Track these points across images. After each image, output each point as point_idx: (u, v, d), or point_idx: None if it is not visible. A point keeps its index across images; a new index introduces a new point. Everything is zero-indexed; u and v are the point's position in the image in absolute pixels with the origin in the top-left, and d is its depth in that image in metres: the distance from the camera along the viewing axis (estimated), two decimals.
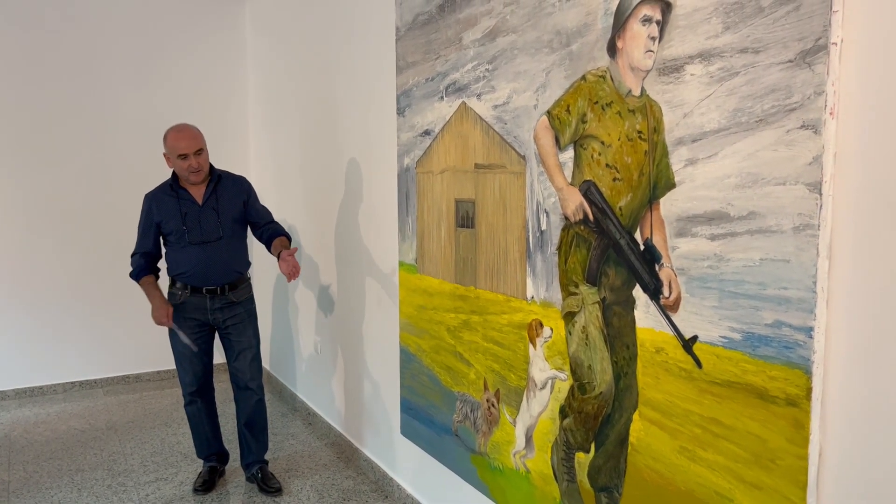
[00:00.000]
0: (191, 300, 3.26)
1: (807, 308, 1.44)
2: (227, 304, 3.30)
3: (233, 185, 3.34)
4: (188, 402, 3.41)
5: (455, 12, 2.57)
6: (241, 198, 3.34)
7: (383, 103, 3.21)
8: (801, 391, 1.46)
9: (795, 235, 1.45)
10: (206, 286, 3.25)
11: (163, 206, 3.23)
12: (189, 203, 3.23)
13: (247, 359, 3.37)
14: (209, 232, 3.22)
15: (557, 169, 2.12)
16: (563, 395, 2.17)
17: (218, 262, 3.24)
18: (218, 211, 3.24)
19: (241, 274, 3.36)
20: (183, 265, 3.23)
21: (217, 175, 3.29)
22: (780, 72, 1.45)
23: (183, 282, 3.25)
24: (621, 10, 1.84)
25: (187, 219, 3.20)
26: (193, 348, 3.28)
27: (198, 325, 3.29)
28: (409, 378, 3.08)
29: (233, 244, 3.30)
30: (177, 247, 3.23)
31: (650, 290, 1.82)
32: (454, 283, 2.69)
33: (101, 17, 4.97)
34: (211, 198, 3.25)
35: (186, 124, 3.22)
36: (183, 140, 3.13)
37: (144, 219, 3.28)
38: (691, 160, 1.67)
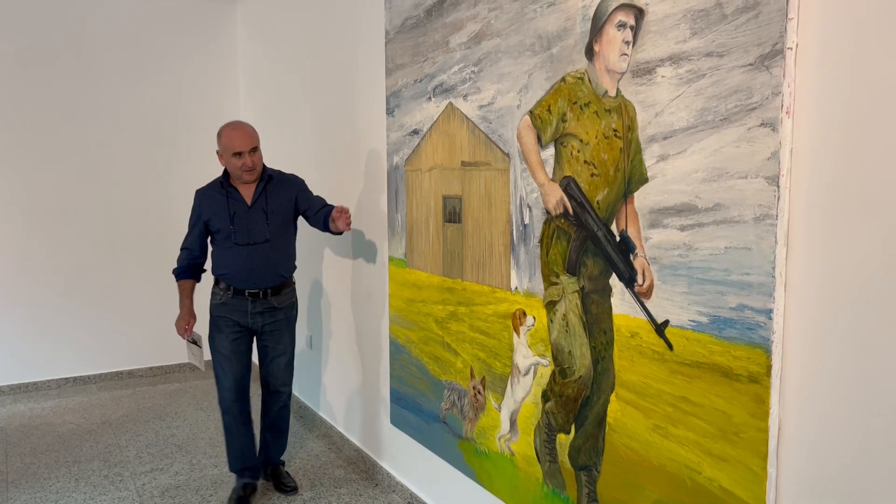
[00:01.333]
0: (232, 301, 3.19)
1: (766, 292, 1.56)
2: (268, 308, 3.22)
3: (284, 184, 3.25)
4: (226, 411, 3.25)
5: (442, 17, 2.68)
6: (292, 195, 3.24)
7: (373, 104, 3.31)
8: (762, 369, 1.58)
9: (756, 225, 1.57)
10: (248, 289, 3.17)
11: (212, 204, 3.17)
12: (238, 202, 3.15)
13: (281, 364, 3.32)
14: (256, 233, 3.14)
15: (539, 166, 2.23)
16: (545, 380, 2.28)
17: (263, 264, 3.16)
18: (267, 212, 3.16)
19: (286, 278, 3.28)
20: (227, 266, 3.17)
21: (268, 175, 3.21)
22: (741, 74, 1.58)
23: (226, 282, 3.19)
24: (598, 16, 1.96)
25: (235, 219, 3.13)
26: (202, 368, 3.29)
27: (237, 327, 3.22)
28: (399, 369, 3.19)
29: (279, 246, 3.21)
30: (223, 246, 3.17)
31: (625, 279, 1.94)
32: (442, 276, 2.81)
33: (93, 18, 5.05)
34: (261, 198, 3.16)
35: (241, 121, 3.15)
36: (238, 138, 3.05)
37: (194, 216, 3.23)
38: (662, 156, 1.79)
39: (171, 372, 5.51)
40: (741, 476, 1.64)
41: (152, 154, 5.33)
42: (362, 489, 3.43)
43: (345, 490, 3.41)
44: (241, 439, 3.28)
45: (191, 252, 3.25)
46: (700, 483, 1.75)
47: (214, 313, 3.24)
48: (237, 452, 3.29)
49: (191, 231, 3.25)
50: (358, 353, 3.70)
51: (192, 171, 5.45)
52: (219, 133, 3.12)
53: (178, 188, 5.42)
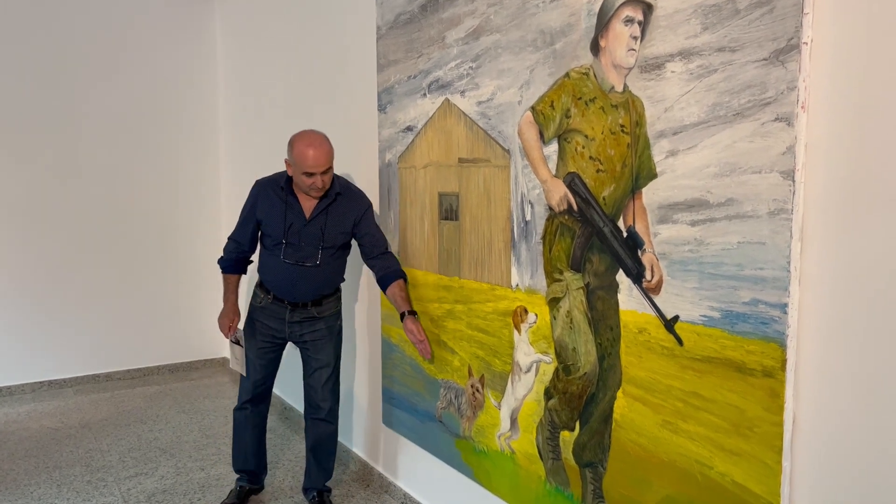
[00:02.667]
0: (271, 307, 3.04)
1: (781, 286, 1.56)
2: (307, 318, 3.04)
3: (349, 202, 2.97)
4: (238, 407, 3.18)
5: (438, 12, 2.66)
6: (352, 218, 2.96)
7: (364, 100, 3.28)
8: (777, 363, 1.58)
9: (770, 220, 1.57)
10: (288, 299, 3.02)
11: (268, 205, 2.96)
12: (296, 214, 2.92)
13: (321, 379, 3.08)
14: (307, 254, 2.93)
15: (542, 162, 2.22)
16: (547, 377, 2.27)
17: (307, 283, 2.98)
18: (324, 232, 2.92)
19: (330, 293, 3.09)
20: (271, 274, 3.02)
21: (336, 193, 2.93)
22: (755, 69, 1.58)
23: (267, 287, 3.06)
24: (604, 11, 1.96)
25: (290, 232, 2.92)
26: (243, 373, 3.11)
27: (272, 335, 3.07)
28: (391, 368, 3.16)
29: (328, 268, 3.00)
30: (270, 253, 3.00)
31: (633, 275, 1.93)
32: (438, 274, 2.78)
33: (69, 14, 4.93)
34: (321, 216, 2.92)
35: (318, 136, 2.82)
36: (312, 158, 2.75)
37: (248, 208, 3.02)
38: (672, 152, 1.79)
39: (151, 374, 5.41)
40: (755, 470, 1.65)
41: (129, 153, 5.22)
42: (354, 490, 3.39)
43: (336, 492, 3.37)
44: (245, 441, 3.20)
45: (240, 245, 3.08)
46: (712, 478, 1.75)
47: (253, 315, 3.10)
48: (239, 453, 3.23)
49: (243, 223, 3.05)
50: (348, 353, 3.66)
51: (168, 171, 5.36)
52: (291, 142, 2.83)
53: (155, 187, 5.33)
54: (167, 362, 5.47)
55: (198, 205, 5.52)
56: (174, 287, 5.46)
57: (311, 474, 3.22)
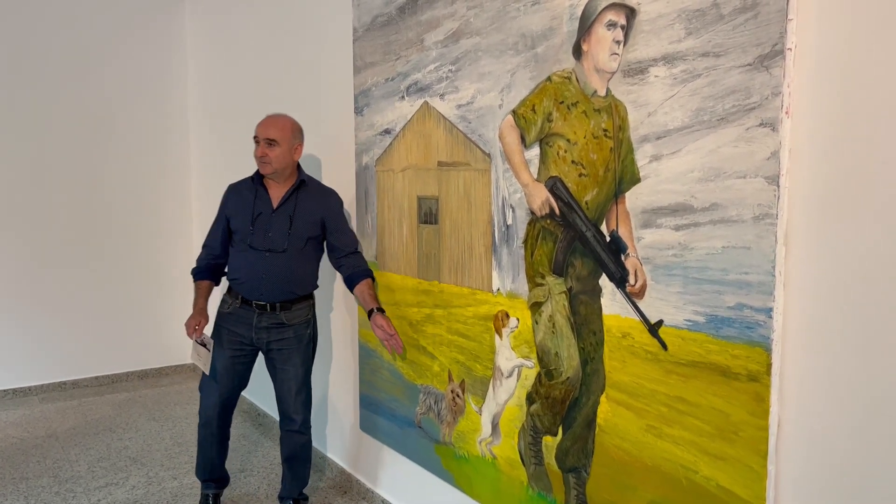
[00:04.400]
0: (239, 312, 2.97)
1: (766, 290, 1.57)
2: (275, 324, 2.96)
3: (316, 196, 2.98)
4: (203, 423, 3.07)
5: (416, 14, 2.63)
6: (321, 213, 2.95)
7: (340, 103, 3.24)
8: (762, 367, 1.59)
9: (755, 224, 1.58)
10: (256, 299, 2.94)
11: (238, 200, 2.98)
12: (264, 203, 2.93)
13: (290, 390, 3.01)
14: (275, 241, 2.90)
15: (523, 166, 2.21)
16: (529, 382, 2.26)
17: (275, 275, 2.91)
18: (292, 219, 2.91)
19: (299, 295, 2.99)
20: (238, 271, 2.96)
21: (301, 180, 2.96)
22: (739, 74, 1.58)
23: (236, 290, 2.98)
24: (587, 15, 1.95)
25: (257, 220, 2.91)
26: (206, 372, 3.01)
27: (240, 343, 2.99)
28: (369, 374, 3.13)
29: (297, 261, 2.94)
30: (238, 248, 2.96)
31: (616, 279, 1.93)
32: (417, 279, 2.76)
33: (35, 14, 4.81)
34: (288, 203, 2.92)
35: (279, 113, 2.98)
36: (261, 123, 2.89)
37: (219, 210, 3.04)
38: (656, 156, 1.79)
39: (119, 381, 5.29)
40: (740, 474, 1.65)
41: (95, 157, 5.11)
42: (331, 498, 3.35)
43: (314, 499, 3.32)
44: (212, 453, 3.12)
45: (211, 251, 3.05)
46: (696, 482, 1.75)
47: (219, 322, 3.03)
48: (206, 464, 3.15)
49: (214, 228, 3.05)
50: (324, 358, 3.61)
51: (138, 175, 5.26)
52: None
53: (124, 192, 5.22)
54: (136, 368, 5.36)
55: (167, 208, 5.42)
56: (143, 291, 5.35)
57: (286, 483, 3.18)
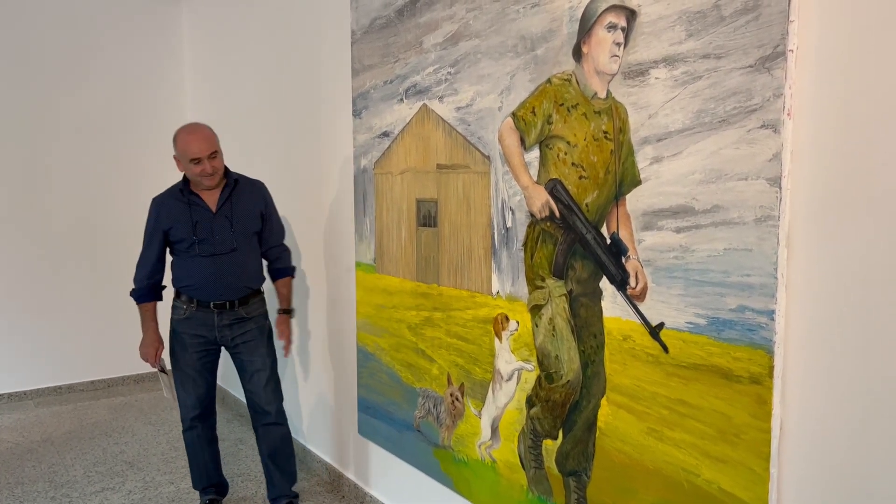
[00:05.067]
0: (197, 315, 2.98)
1: (768, 293, 1.56)
2: (236, 320, 3.01)
3: (249, 190, 3.06)
4: (188, 428, 3.09)
5: (415, 17, 2.63)
6: (259, 206, 3.06)
7: (338, 105, 3.23)
8: (764, 370, 1.58)
9: (757, 226, 1.57)
10: (213, 300, 2.97)
11: (172, 212, 2.94)
12: (201, 210, 2.94)
13: (262, 380, 3.07)
14: (222, 243, 2.94)
15: (523, 168, 2.20)
16: (529, 385, 2.25)
17: (228, 275, 2.96)
18: (232, 220, 2.96)
19: (253, 289, 3.08)
20: (190, 278, 2.96)
21: (234, 179, 3.00)
22: (741, 76, 1.58)
23: (189, 295, 2.98)
24: (587, 17, 1.95)
25: (198, 228, 2.92)
26: (174, 401, 3.00)
27: (203, 342, 3.01)
28: (367, 377, 3.11)
29: (246, 256, 3.02)
30: (185, 257, 2.96)
31: (617, 282, 1.92)
32: (416, 282, 2.75)
33: (32, 17, 4.79)
34: (226, 205, 2.96)
35: (198, 124, 2.94)
36: (195, 142, 2.82)
37: (152, 226, 2.97)
38: (657, 158, 1.78)
39: (115, 385, 5.27)
40: (742, 477, 1.64)
41: (93, 159, 5.10)
42: (328, 501, 3.33)
43: (309, 503, 3.30)
44: (204, 458, 3.12)
45: (150, 269, 3.00)
46: (698, 485, 1.74)
47: (178, 329, 3.01)
48: (200, 470, 3.14)
49: (149, 244, 2.99)
50: (322, 362, 3.60)
51: (134, 177, 5.24)
52: (174, 137, 2.88)
53: (120, 193, 5.20)
54: (132, 372, 5.34)
55: None
56: None
57: (274, 482, 3.15)
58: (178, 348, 3.02)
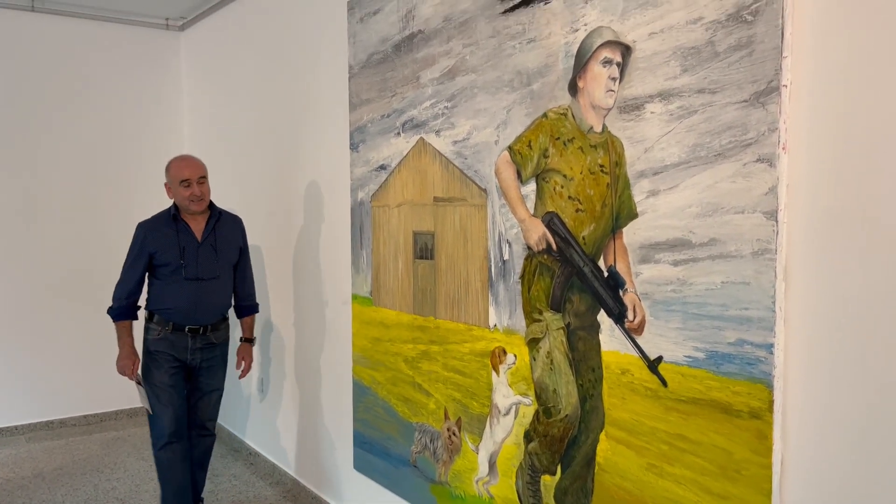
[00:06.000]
0: (170, 338, 3.14)
1: (767, 326, 1.56)
2: (206, 344, 3.21)
3: (231, 225, 3.29)
4: (164, 446, 3.14)
5: (412, 52, 2.65)
6: (238, 241, 3.30)
7: (336, 139, 3.25)
8: (764, 404, 1.57)
9: (754, 259, 1.57)
10: (189, 325, 3.14)
11: (159, 237, 3.10)
12: (188, 237, 3.12)
13: (213, 400, 3.32)
14: (205, 269, 3.14)
15: (519, 201, 2.21)
16: (527, 419, 2.23)
17: (209, 301, 3.16)
18: (216, 249, 3.17)
19: (224, 316, 3.29)
20: (171, 300, 3.11)
21: (218, 212, 3.23)
22: (735, 110, 1.59)
23: (165, 317, 3.12)
24: (582, 53, 1.97)
25: (185, 253, 3.10)
26: (149, 411, 3.14)
27: (175, 363, 3.16)
28: (363, 411, 3.08)
29: (225, 284, 3.24)
30: (168, 280, 3.11)
31: (615, 315, 1.92)
32: (412, 314, 2.73)
33: (32, 48, 4.83)
34: (211, 234, 3.17)
35: (189, 154, 3.26)
36: (186, 167, 3.08)
37: (137, 248, 3.12)
38: (653, 191, 1.79)
39: (107, 420, 5.20)
40: None
41: (88, 191, 5.09)
42: None
43: None
44: (180, 479, 3.17)
45: (130, 289, 3.15)
46: None
47: (152, 348, 3.15)
48: (176, 493, 3.16)
49: (132, 266, 3.14)
50: (317, 396, 3.57)
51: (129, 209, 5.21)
52: (167, 166, 3.14)
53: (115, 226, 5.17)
54: (125, 407, 5.26)
55: None
56: None
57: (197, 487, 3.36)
58: (152, 366, 3.16)
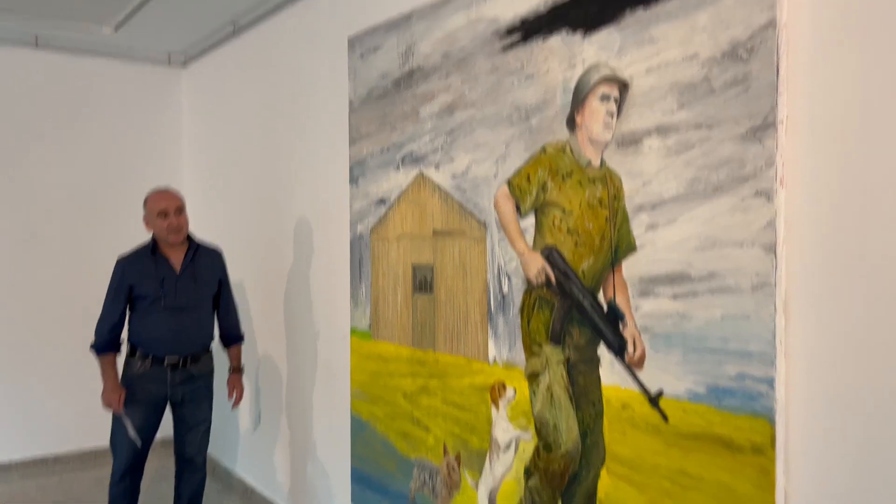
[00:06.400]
0: (150, 373, 3.16)
1: (768, 360, 1.55)
2: (188, 377, 3.21)
3: (210, 256, 3.34)
4: (118, 480, 3.22)
5: (412, 88, 2.68)
6: (217, 274, 3.34)
7: (335, 172, 3.26)
8: (766, 439, 1.56)
9: (754, 293, 1.57)
10: (169, 355, 3.15)
11: (139, 269, 3.15)
12: (167, 269, 3.17)
13: (199, 433, 3.30)
14: (185, 299, 3.17)
15: (518, 234, 2.22)
16: (527, 455, 2.21)
17: (189, 330, 3.18)
18: (195, 280, 3.22)
19: (206, 347, 3.30)
20: (151, 332, 3.14)
21: (196, 244, 3.28)
22: (733, 145, 1.61)
23: (145, 350, 3.15)
24: (580, 88, 1.99)
25: (164, 284, 3.14)
26: (137, 443, 3.15)
27: (154, 398, 3.18)
28: (361, 447, 3.05)
29: (205, 315, 3.28)
30: (148, 311, 3.15)
31: (615, 349, 1.91)
32: (411, 348, 2.72)
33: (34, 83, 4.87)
34: (189, 266, 3.21)
35: (166, 186, 3.29)
36: (164, 199, 3.13)
37: (117, 282, 3.17)
38: (651, 225, 1.80)
39: (104, 455, 5.08)
40: None
41: (87, 225, 5.08)
42: None
43: None
44: None
45: (113, 323, 3.18)
46: None
47: (131, 384, 3.17)
48: None
49: (113, 300, 3.18)
50: (314, 431, 3.53)
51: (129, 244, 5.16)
52: (145, 200, 3.21)
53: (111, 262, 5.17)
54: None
55: None
56: None
57: None
58: (128, 401, 3.16)
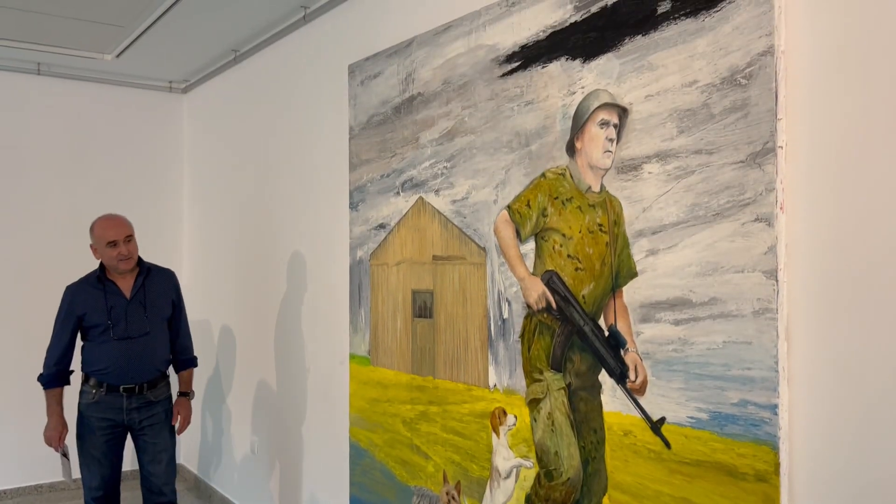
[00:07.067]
0: (105, 399, 3.11)
1: (770, 387, 1.54)
2: (144, 403, 3.16)
3: (162, 279, 3.30)
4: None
5: (412, 114, 2.70)
6: (170, 296, 3.30)
7: (335, 198, 3.27)
8: (770, 466, 1.54)
9: (756, 319, 1.57)
10: (123, 384, 3.10)
11: (87, 298, 3.12)
12: (116, 296, 3.14)
13: (163, 462, 3.22)
14: (135, 327, 3.13)
15: (519, 260, 2.21)
16: (529, 483, 2.18)
17: (140, 358, 3.13)
18: (146, 305, 3.17)
19: (162, 372, 3.25)
20: (102, 361, 3.10)
21: (146, 268, 3.24)
22: (732, 171, 1.61)
23: (98, 379, 3.11)
24: (579, 114, 2.00)
25: (113, 313, 3.10)
26: (69, 480, 3.16)
27: (110, 426, 3.13)
28: (360, 475, 3.02)
29: (158, 340, 3.22)
30: (97, 341, 3.11)
31: (616, 375, 1.90)
32: (411, 374, 2.71)
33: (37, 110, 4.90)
34: (140, 291, 3.18)
35: (113, 213, 3.22)
36: (111, 228, 3.09)
37: (65, 312, 3.14)
38: (652, 251, 1.80)
39: None
40: None
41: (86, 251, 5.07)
42: None
43: None
44: None
45: (60, 355, 3.14)
46: None
47: (86, 413, 3.13)
48: None
49: (61, 330, 3.14)
50: (312, 458, 3.50)
51: None
52: (91, 227, 3.16)
53: None
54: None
55: None
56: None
57: None
58: (85, 431, 3.14)
